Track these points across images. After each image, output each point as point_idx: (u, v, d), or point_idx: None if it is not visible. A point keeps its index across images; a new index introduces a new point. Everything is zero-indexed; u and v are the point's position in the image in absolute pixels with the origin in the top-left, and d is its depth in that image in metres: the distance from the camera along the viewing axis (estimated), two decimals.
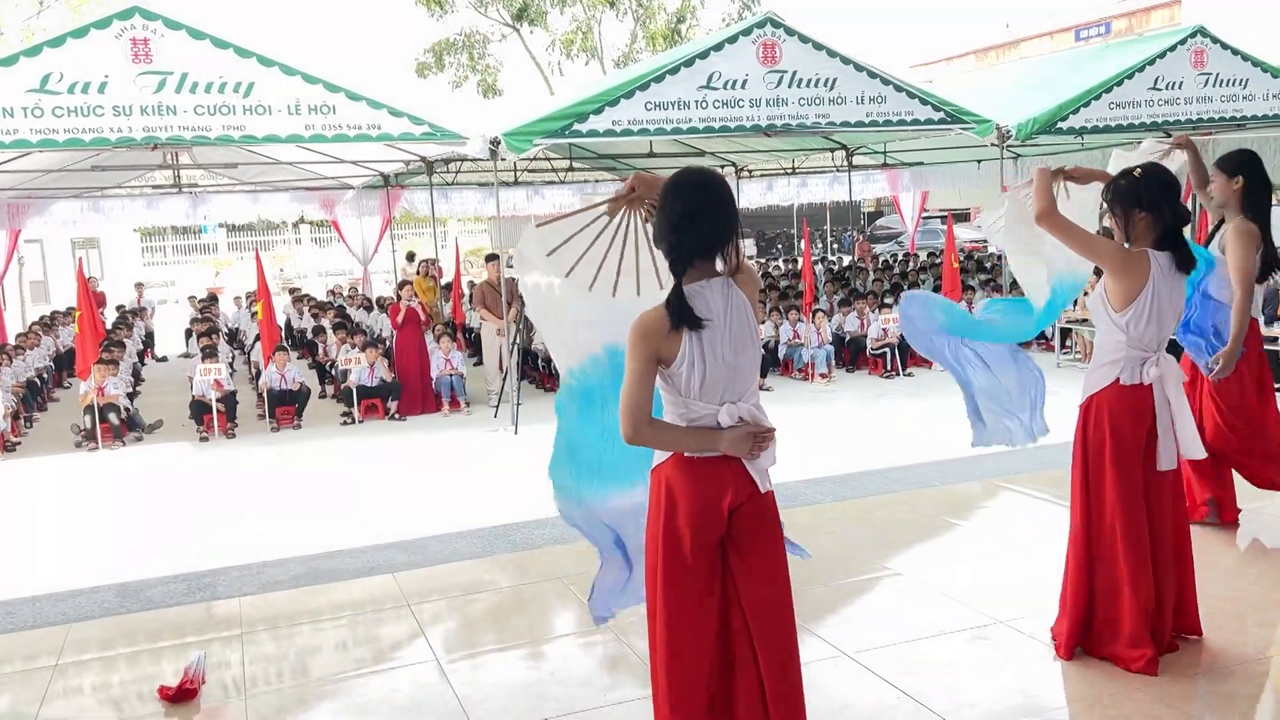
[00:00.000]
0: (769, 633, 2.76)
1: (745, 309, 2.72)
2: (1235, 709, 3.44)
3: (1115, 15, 25.39)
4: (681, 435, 2.70)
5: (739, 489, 2.71)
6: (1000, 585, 4.62)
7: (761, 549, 2.76)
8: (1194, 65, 12.31)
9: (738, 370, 2.69)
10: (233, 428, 10.56)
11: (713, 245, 2.69)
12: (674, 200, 2.70)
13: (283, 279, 28.90)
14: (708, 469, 2.71)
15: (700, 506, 2.70)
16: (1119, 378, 3.65)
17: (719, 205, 2.70)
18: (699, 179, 2.74)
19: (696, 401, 2.68)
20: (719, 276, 2.72)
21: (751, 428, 2.68)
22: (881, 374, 12.48)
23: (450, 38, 31.15)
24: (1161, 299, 3.56)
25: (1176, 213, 3.57)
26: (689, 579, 2.72)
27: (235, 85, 9.38)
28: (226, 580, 5.20)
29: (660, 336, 2.64)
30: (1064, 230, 3.68)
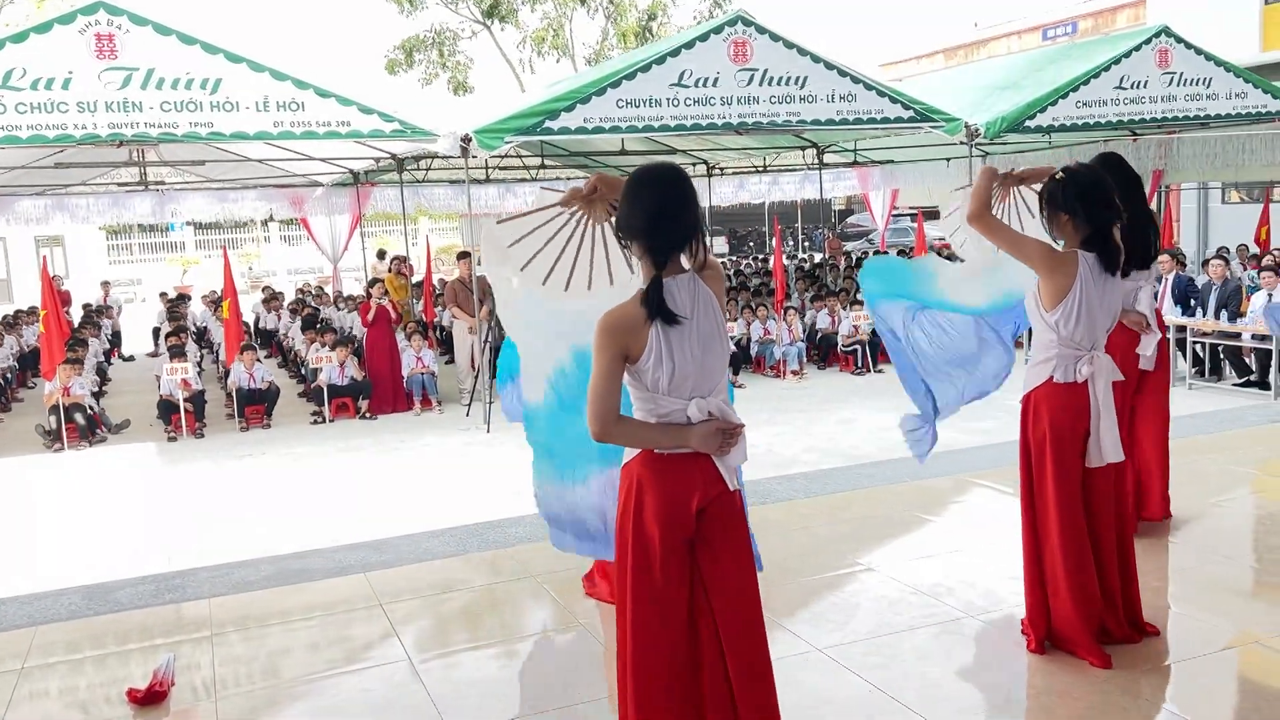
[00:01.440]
0: (737, 633, 2.75)
1: (712, 304, 2.72)
2: (1203, 699, 3.49)
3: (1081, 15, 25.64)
4: (651, 432, 2.70)
5: (708, 487, 2.71)
6: (971, 580, 4.66)
7: (731, 548, 2.76)
8: (1159, 65, 12.47)
9: (706, 366, 2.69)
10: (201, 427, 10.46)
11: (685, 238, 2.69)
12: (648, 194, 2.70)
13: (251, 277, 28.64)
14: (677, 466, 2.70)
15: (669, 504, 2.69)
16: (1053, 376, 3.71)
17: (689, 199, 2.71)
18: (671, 173, 2.75)
19: (665, 397, 2.67)
20: (685, 273, 2.72)
21: (721, 423, 2.68)
22: (853, 370, 12.55)
23: (420, 34, 30.98)
24: (1091, 298, 3.60)
25: (1098, 215, 3.60)
26: (658, 577, 2.72)
27: (202, 81, 9.27)
28: (196, 581, 5.15)
29: (627, 332, 2.63)
30: (994, 231, 3.76)
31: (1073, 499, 3.71)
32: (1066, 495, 3.70)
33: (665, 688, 2.74)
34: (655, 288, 2.64)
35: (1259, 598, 4.39)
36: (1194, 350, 11.05)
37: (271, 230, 34.44)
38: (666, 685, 2.74)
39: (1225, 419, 7.71)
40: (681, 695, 2.75)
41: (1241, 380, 10.66)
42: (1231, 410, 8.31)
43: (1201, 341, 11.06)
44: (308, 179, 16.55)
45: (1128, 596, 3.87)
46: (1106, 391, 3.69)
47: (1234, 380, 10.71)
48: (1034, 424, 3.78)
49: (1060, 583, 3.74)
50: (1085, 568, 3.72)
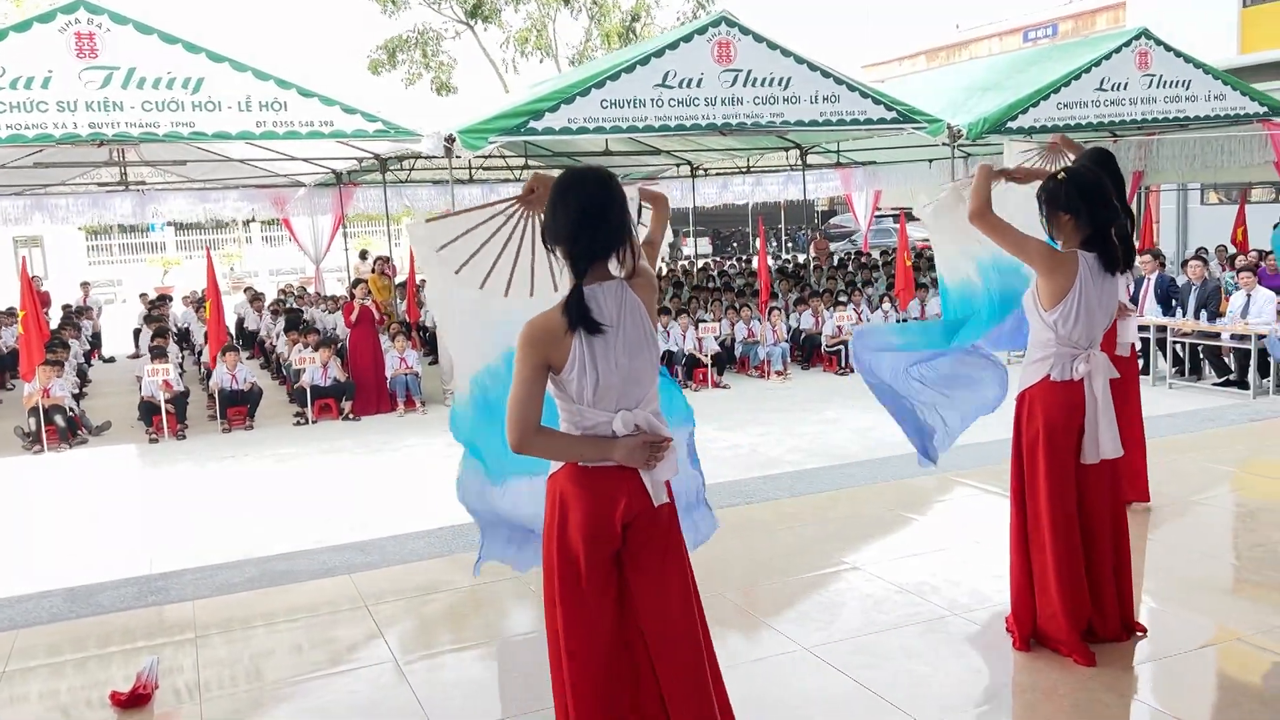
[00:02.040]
0: (666, 647, 2.70)
1: (640, 313, 2.63)
2: (1186, 696, 3.52)
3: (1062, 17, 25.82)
4: (573, 444, 2.62)
5: (633, 501, 2.63)
6: (956, 578, 4.69)
7: (657, 563, 2.69)
8: (1139, 67, 12.57)
9: (632, 376, 2.61)
10: (183, 429, 10.39)
11: (611, 245, 2.60)
12: (572, 198, 2.60)
13: (233, 278, 28.49)
14: (601, 479, 2.62)
15: (593, 519, 2.62)
16: (1050, 374, 3.72)
17: (616, 204, 2.61)
18: (596, 177, 2.65)
19: (590, 409, 2.60)
20: (613, 280, 2.63)
21: (647, 436, 2.61)
22: (836, 371, 12.59)
23: (403, 34, 30.88)
24: (1090, 298, 3.62)
25: (1099, 215, 3.61)
26: (585, 589, 2.65)
27: (184, 81, 9.23)
28: (179, 584, 5.12)
29: (549, 342, 2.56)
30: (996, 230, 3.75)
31: (1065, 497, 3.73)
32: (1059, 493, 3.72)
33: (600, 695, 2.69)
34: (576, 296, 2.55)
35: (1240, 595, 4.43)
36: (1174, 350, 11.14)
37: (253, 231, 34.27)
38: (601, 693, 2.69)
39: (1205, 418, 7.78)
40: (617, 703, 2.71)
41: (1221, 380, 10.75)
42: (1211, 409, 8.39)
43: (1181, 341, 11.15)
44: (290, 179, 16.49)
45: (1121, 595, 3.89)
46: (1105, 389, 3.71)
47: (1213, 380, 10.80)
48: (1029, 421, 3.79)
49: (1049, 581, 3.75)
50: (1075, 567, 3.74)
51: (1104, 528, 3.82)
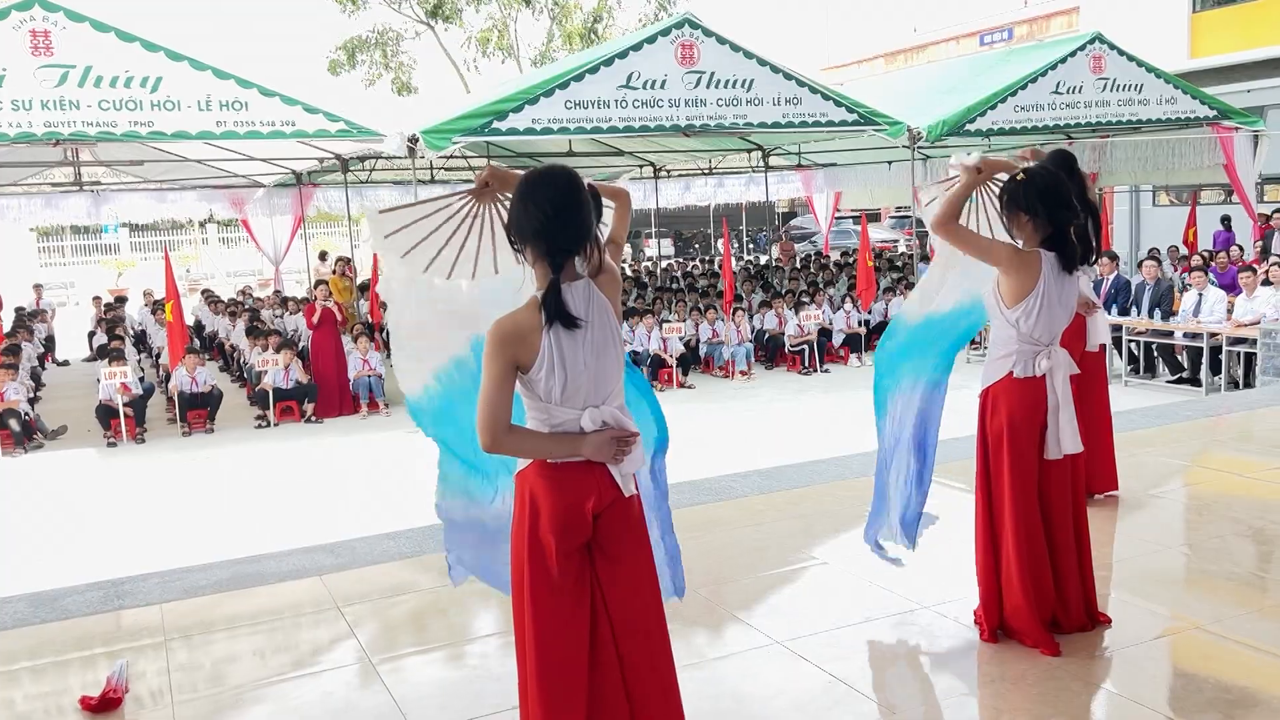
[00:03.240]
0: (635, 639, 2.73)
1: (607, 311, 2.66)
2: (1149, 683, 3.61)
3: (1017, 21, 26.22)
4: (543, 442, 2.65)
5: (603, 493, 2.67)
6: (923, 572, 4.76)
7: (628, 553, 2.73)
8: (1093, 70, 12.82)
9: (599, 374, 2.64)
10: (142, 432, 10.26)
11: (581, 240, 2.62)
12: (543, 195, 2.61)
13: (189, 280, 28.09)
14: (571, 474, 2.65)
15: (564, 513, 2.64)
16: (1013, 371, 3.78)
17: (585, 201, 2.64)
18: (565, 174, 2.67)
19: (558, 407, 2.62)
20: (580, 279, 2.65)
21: (615, 432, 2.65)
22: (799, 370, 12.70)
23: (363, 35, 30.66)
24: (1051, 297, 3.69)
25: (1058, 215, 3.67)
26: (556, 587, 2.68)
27: (142, 80, 9.12)
28: (146, 587, 5.05)
29: (519, 341, 2.57)
30: (960, 239, 3.78)
31: (1028, 492, 3.81)
32: (1021, 488, 3.80)
33: (570, 686, 2.71)
34: (554, 292, 2.56)
35: (1197, 586, 4.54)
36: (1129, 348, 11.37)
37: (210, 232, 33.82)
38: (574, 695, 2.71)
39: (1160, 414, 7.94)
40: (584, 694, 2.73)
41: (1174, 377, 11.00)
42: (1166, 406, 8.56)
43: (1136, 340, 11.38)
44: (249, 180, 16.31)
45: (1085, 586, 3.98)
46: (1065, 385, 3.79)
47: (1167, 377, 11.04)
48: (992, 418, 3.86)
49: (1013, 574, 3.83)
50: (1038, 560, 3.81)
51: (1066, 521, 3.90)
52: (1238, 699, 3.49)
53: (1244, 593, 4.43)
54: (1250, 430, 7.48)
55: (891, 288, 14.91)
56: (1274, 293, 10.35)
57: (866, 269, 14.16)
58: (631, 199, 3.26)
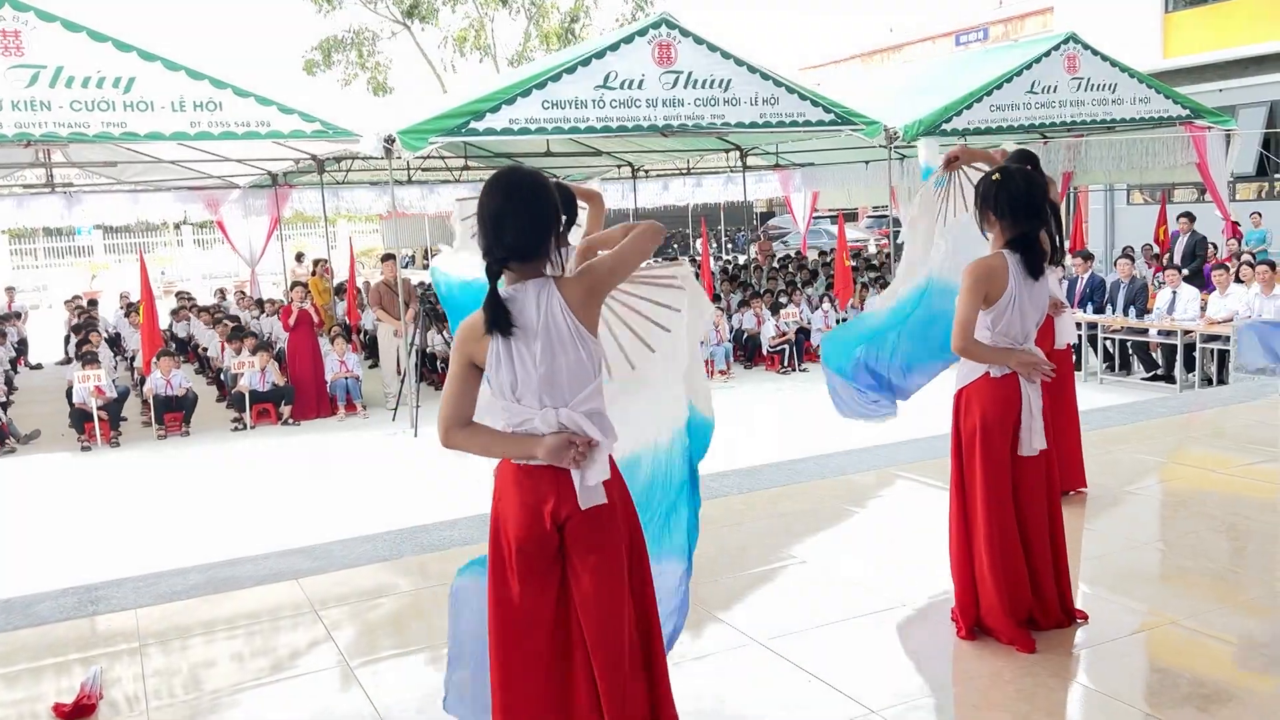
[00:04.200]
0: (600, 651, 2.70)
1: (562, 313, 2.59)
2: (1126, 678, 3.64)
3: (993, 21, 26.39)
4: (496, 439, 2.64)
5: (562, 498, 2.64)
6: (901, 570, 4.78)
7: (592, 565, 2.68)
8: (1067, 70, 12.91)
9: (555, 375, 2.60)
10: (117, 436, 10.17)
11: (521, 252, 2.59)
12: (488, 199, 2.62)
13: (164, 282, 27.87)
14: (533, 478, 2.64)
15: (525, 517, 2.64)
16: (989, 371, 3.83)
17: (531, 210, 2.60)
18: (517, 180, 2.64)
19: (516, 405, 2.62)
20: (537, 278, 2.62)
21: (571, 436, 2.60)
22: (778, 370, 12.73)
23: (339, 34, 30.50)
24: (1022, 298, 3.74)
25: (1026, 223, 3.72)
26: (514, 589, 2.68)
27: (115, 80, 9.03)
28: (121, 592, 5.00)
29: (472, 340, 2.60)
30: (972, 343, 3.81)
31: (1001, 491, 3.83)
32: (994, 486, 3.82)
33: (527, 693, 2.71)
34: (491, 298, 2.56)
35: (1171, 581, 4.58)
36: (1104, 346, 11.46)
37: (184, 234, 33.55)
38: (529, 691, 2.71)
39: (1135, 411, 8.01)
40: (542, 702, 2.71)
41: (1149, 374, 11.10)
42: (1141, 403, 8.64)
43: (1111, 338, 11.47)
44: (224, 181, 16.19)
45: (1060, 583, 4.00)
46: (1035, 382, 3.83)
47: (1142, 374, 11.14)
48: (965, 417, 3.89)
49: (986, 573, 3.86)
50: (1012, 558, 3.84)
51: (1041, 519, 3.93)
52: (1213, 693, 3.52)
53: (1219, 588, 4.48)
54: (1224, 426, 7.56)
55: (866, 284, 14.97)
56: (1246, 290, 10.46)
57: (844, 268, 14.22)
58: (605, 199, 3.26)
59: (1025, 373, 3.73)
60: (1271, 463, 6.60)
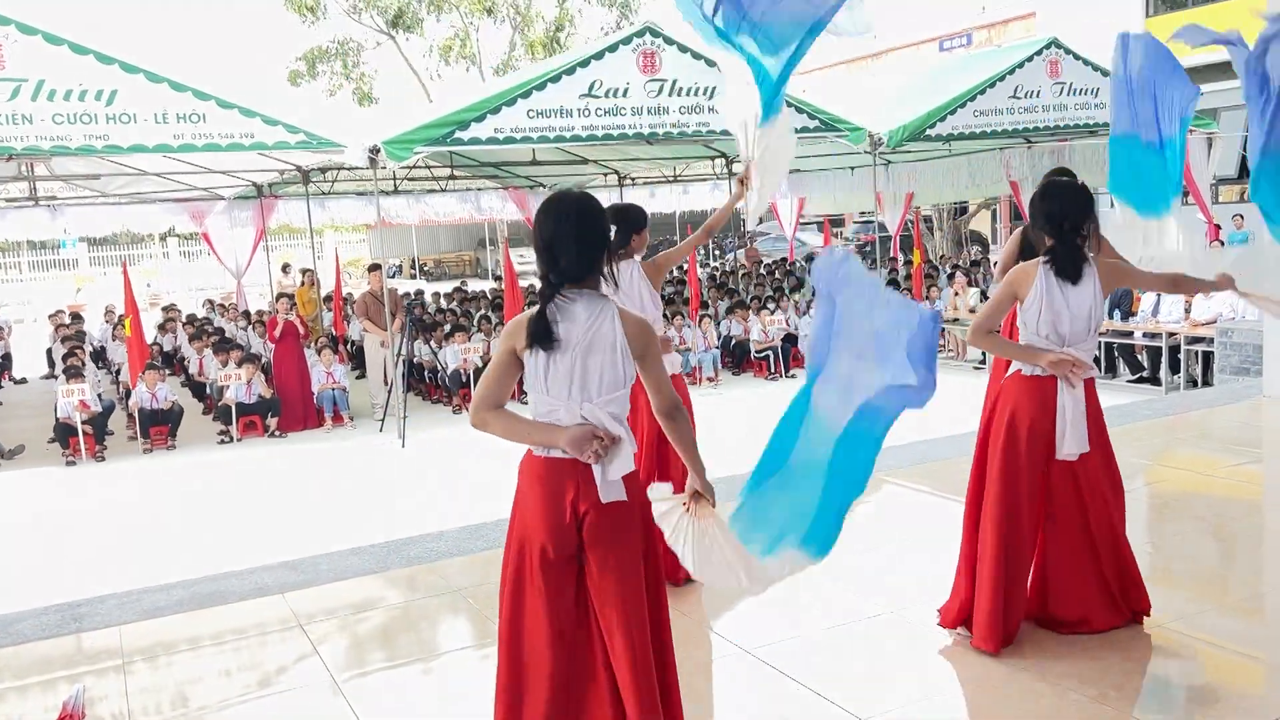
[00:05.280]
0: (618, 647, 2.73)
1: (613, 331, 2.72)
2: (1113, 681, 3.63)
3: (976, 27, 26.51)
4: (521, 424, 2.75)
5: (582, 491, 2.71)
6: (893, 576, 4.78)
7: (613, 562, 2.74)
8: (1050, 75, 12.96)
9: (588, 373, 2.71)
10: (102, 450, 10.10)
11: (576, 274, 2.73)
12: (546, 222, 2.75)
13: (150, 294, 27.76)
14: (553, 470, 2.73)
15: (547, 508, 2.72)
16: (1021, 369, 3.86)
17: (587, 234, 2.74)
18: (572, 203, 2.77)
19: (545, 395, 2.73)
20: (592, 292, 2.75)
21: (594, 428, 2.68)
22: (766, 376, 12.73)
23: (323, 45, 30.45)
24: (1055, 301, 3.76)
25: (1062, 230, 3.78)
26: (531, 585, 2.75)
27: (97, 93, 8.98)
28: (104, 609, 4.96)
29: (518, 333, 2.73)
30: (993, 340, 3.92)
31: (1015, 492, 3.80)
32: (1008, 486, 3.80)
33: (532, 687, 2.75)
34: (540, 317, 2.70)
35: (1158, 583, 4.56)
36: None
37: (170, 246, 33.43)
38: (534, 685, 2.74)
39: (1122, 414, 8.03)
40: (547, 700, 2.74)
41: (1135, 377, 11.14)
42: (1127, 405, 8.66)
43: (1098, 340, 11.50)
44: (209, 192, 16.12)
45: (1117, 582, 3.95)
46: (1075, 385, 3.80)
47: (1128, 377, 11.18)
48: (999, 411, 3.90)
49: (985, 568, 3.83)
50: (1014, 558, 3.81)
51: (1072, 521, 3.88)
52: (1200, 696, 3.53)
53: (1205, 589, 4.49)
54: (1209, 428, 7.58)
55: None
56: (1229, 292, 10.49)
57: None
58: None
59: (1059, 373, 3.75)
60: (1256, 464, 6.63)
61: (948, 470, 6.39)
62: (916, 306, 2.69)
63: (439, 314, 15.77)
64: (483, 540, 5.54)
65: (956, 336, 13.28)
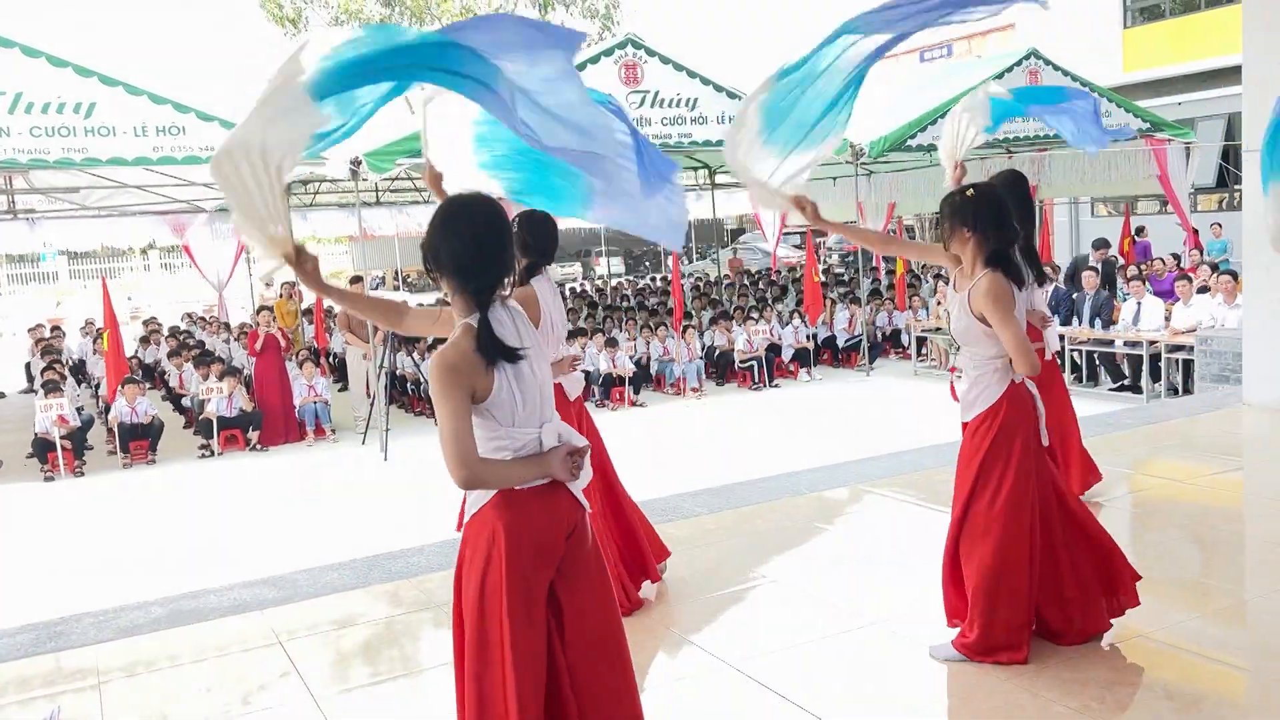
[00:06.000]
0: (594, 663, 2.67)
1: (529, 327, 2.68)
2: (1094, 693, 3.63)
3: (956, 38, 26.68)
4: (515, 466, 2.58)
5: (569, 513, 2.65)
6: (874, 588, 4.77)
7: (588, 573, 2.69)
8: (1029, 84, 13.03)
9: (545, 388, 2.66)
10: (80, 465, 10.01)
11: (502, 275, 2.63)
12: (466, 226, 2.60)
13: (131, 307, 27.58)
14: (540, 499, 2.60)
15: (544, 541, 2.60)
16: (1013, 379, 3.78)
17: (505, 234, 2.65)
18: (487, 205, 2.67)
19: (518, 429, 2.59)
20: (500, 300, 2.66)
21: (568, 447, 2.63)
22: (750, 386, 12.73)
23: None
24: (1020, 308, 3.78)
25: (1000, 236, 3.68)
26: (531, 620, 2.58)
27: (75, 106, 8.94)
28: (80, 628, 4.90)
29: (472, 373, 2.52)
30: (903, 249, 3.86)
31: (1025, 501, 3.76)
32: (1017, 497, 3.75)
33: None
34: (485, 328, 2.53)
35: (1141, 591, 4.56)
36: (1072, 358, 11.55)
37: (151, 259, 33.24)
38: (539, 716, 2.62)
39: (1103, 422, 8.06)
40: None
41: (1116, 385, 11.20)
42: (1108, 413, 8.70)
43: (1079, 349, 11.57)
44: (190, 205, 16.05)
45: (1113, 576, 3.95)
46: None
47: (1109, 385, 11.24)
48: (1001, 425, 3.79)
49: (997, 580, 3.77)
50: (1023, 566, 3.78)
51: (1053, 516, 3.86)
52: (1182, 704, 3.52)
53: (1187, 598, 4.50)
54: (1190, 436, 7.62)
55: (833, 299, 15.03)
56: (1210, 300, 10.59)
57: (813, 284, 14.27)
58: None
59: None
60: (1237, 472, 6.66)
61: (931, 479, 6.40)
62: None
63: None
64: None
65: (939, 345, 13.32)
